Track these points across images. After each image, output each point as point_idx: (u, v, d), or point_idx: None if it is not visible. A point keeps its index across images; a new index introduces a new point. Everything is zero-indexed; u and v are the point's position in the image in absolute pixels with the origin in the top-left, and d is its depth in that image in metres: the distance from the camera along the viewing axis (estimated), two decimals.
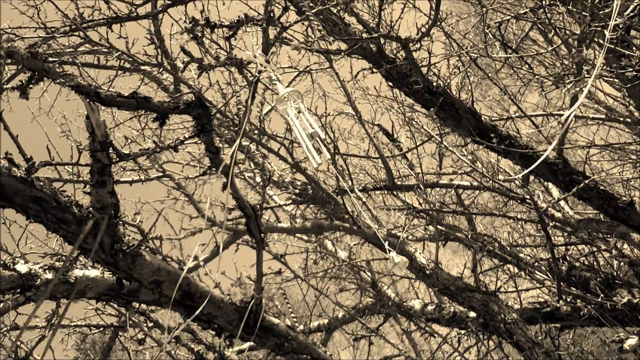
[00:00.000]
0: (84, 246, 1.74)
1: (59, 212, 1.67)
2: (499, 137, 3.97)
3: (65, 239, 1.75)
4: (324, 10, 3.75)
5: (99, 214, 1.69)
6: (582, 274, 4.31)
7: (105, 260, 1.82)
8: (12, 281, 1.97)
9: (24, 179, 1.59)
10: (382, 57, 4.08)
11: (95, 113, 1.47)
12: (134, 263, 1.87)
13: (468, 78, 4.29)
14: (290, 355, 2.56)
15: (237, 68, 1.79)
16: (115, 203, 1.70)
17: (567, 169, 3.76)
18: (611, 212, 3.59)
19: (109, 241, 1.77)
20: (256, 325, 2.36)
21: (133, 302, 2.21)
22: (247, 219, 2.09)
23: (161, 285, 2.02)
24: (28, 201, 1.61)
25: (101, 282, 2.09)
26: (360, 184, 4.89)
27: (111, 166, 1.62)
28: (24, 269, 1.97)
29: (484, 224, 6.62)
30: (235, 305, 2.35)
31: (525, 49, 6.58)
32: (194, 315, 2.12)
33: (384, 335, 3.87)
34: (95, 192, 1.65)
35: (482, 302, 3.71)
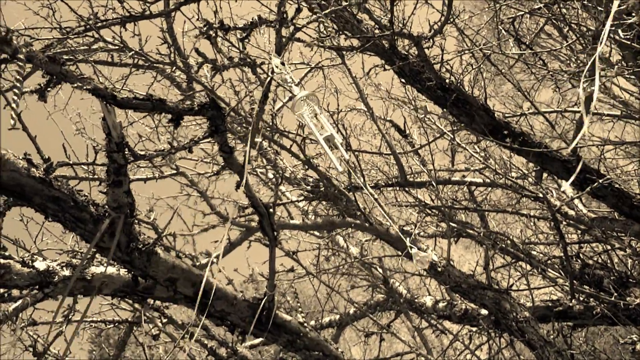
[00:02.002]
0: (101, 244, 1.77)
1: (76, 212, 1.70)
2: (513, 134, 3.96)
3: (82, 237, 1.79)
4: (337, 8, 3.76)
5: (115, 213, 1.72)
6: (596, 272, 4.28)
7: (121, 259, 1.85)
8: (30, 278, 2.02)
9: (43, 179, 1.62)
10: (394, 53, 4.08)
11: (111, 115, 1.49)
12: (150, 261, 1.90)
13: (481, 74, 4.27)
14: (302, 352, 2.58)
15: (251, 68, 1.81)
16: (130, 202, 1.73)
17: (582, 167, 3.74)
18: (626, 210, 3.57)
19: (125, 240, 1.80)
20: (269, 322, 2.39)
21: (148, 299, 2.25)
22: (260, 217, 2.11)
23: (176, 282, 2.05)
24: (47, 201, 1.65)
25: (117, 279, 2.13)
26: (372, 180, 4.90)
27: (127, 166, 1.65)
28: (42, 266, 2.02)
29: (496, 220, 6.59)
30: (248, 302, 2.38)
31: (539, 43, 6.54)
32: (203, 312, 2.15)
33: (395, 332, 3.87)
34: (112, 192, 1.68)
35: (495, 300, 3.71)
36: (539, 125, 6.84)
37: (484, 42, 5.34)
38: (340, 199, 4.01)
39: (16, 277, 1.99)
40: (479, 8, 6.39)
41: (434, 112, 4.86)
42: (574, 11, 4.85)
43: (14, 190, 1.60)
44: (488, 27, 5.20)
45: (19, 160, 1.59)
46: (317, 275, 3.64)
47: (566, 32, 5.23)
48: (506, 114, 4.86)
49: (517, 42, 4.82)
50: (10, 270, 1.98)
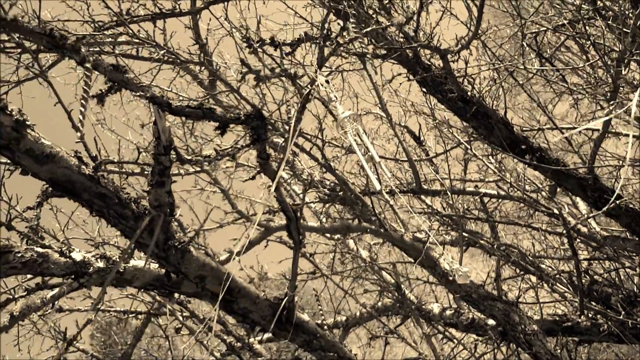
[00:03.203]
0: (139, 240, 1.87)
1: (119, 208, 1.80)
2: (531, 149, 4.03)
3: (122, 232, 1.88)
4: (364, 15, 3.84)
5: (156, 212, 1.81)
6: (604, 289, 4.35)
7: (158, 255, 1.95)
8: (67, 267, 2.12)
9: (92, 176, 1.72)
10: (417, 63, 4.16)
11: (162, 120, 1.59)
12: (183, 258, 2.00)
13: (502, 89, 4.34)
14: (318, 353, 2.68)
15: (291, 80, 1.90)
16: (171, 202, 1.83)
17: (597, 184, 3.81)
18: (638, 230, 3.64)
19: (163, 237, 1.89)
20: (288, 321, 2.49)
21: (175, 293, 2.35)
22: (287, 221, 2.20)
23: (205, 279, 2.15)
24: (94, 197, 1.74)
25: (147, 272, 2.23)
26: (386, 185, 4.98)
27: (171, 168, 1.74)
28: (78, 257, 2.12)
29: (505, 231, 6.65)
30: (269, 301, 2.48)
31: (558, 56, 6.58)
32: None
33: (403, 337, 3.96)
34: (154, 192, 1.78)
35: (504, 312, 3.79)
36: (552, 136, 6.89)
37: (505, 54, 5.41)
38: (357, 204, 4.10)
39: (53, 265, 2.09)
40: (498, 18, 6.45)
41: (451, 122, 4.93)
42: (596, 29, 4.91)
43: (65, 186, 1.70)
44: (511, 40, 5.26)
45: (71, 158, 1.69)
46: (331, 277, 3.73)
47: (587, 48, 5.29)
48: (524, 127, 4.93)
49: (538, 56, 4.89)
50: (48, 259, 2.09)
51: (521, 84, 4.69)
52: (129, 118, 4.32)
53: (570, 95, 5.14)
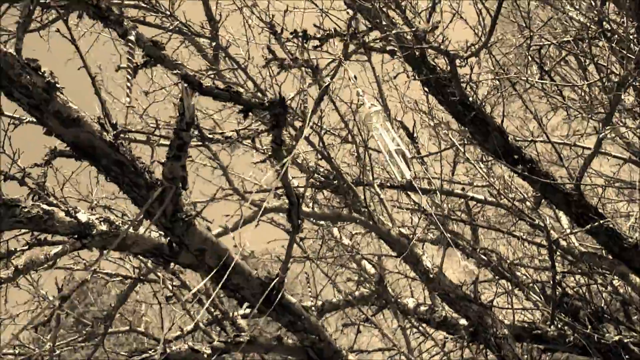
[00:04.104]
0: (149, 209, 1.95)
1: (134, 177, 1.87)
2: (522, 160, 4.17)
3: (134, 200, 1.96)
4: (375, 9, 3.91)
5: (168, 184, 1.89)
6: (574, 302, 4.55)
7: (164, 225, 2.03)
8: (71, 227, 2.19)
9: (112, 143, 1.79)
10: (423, 63, 4.25)
11: (188, 98, 1.66)
12: (188, 231, 2.09)
13: (503, 98, 4.46)
14: (301, 334, 2.80)
15: (312, 70, 1.98)
16: (184, 176, 1.91)
17: (582, 201, 3.97)
18: (616, 250, 3.82)
19: (172, 209, 1.98)
20: (276, 301, 2.59)
21: (171, 263, 2.43)
22: (290, 206, 2.30)
23: (204, 253, 2.24)
24: (112, 164, 1.82)
25: (148, 240, 2.31)
26: (377, 179, 5.09)
27: (189, 144, 1.82)
28: (83, 218, 2.19)
29: (485, 235, 6.84)
30: (260, 280, 2.58)
31: (557, 70, 6.72)
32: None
33: (379, 327, 4.11)
34: (170, 164, 1.85)
35: (478, 314, 3.95)
36: (542, 147, 7.07)
37: (508, 62, 5.53)
38: (348, 194, 4.21)
39: (58, 224, 2.16)
40: (504, 24, 6.55)
41: (447, 123, 5.05)
42: (600, 50, 5.06)
43: (86, 151, 1.76)
44: (515, 51, 5.37)
45: (95, 124, 1.76)
46: (317, 263, 3.85)
47: (586, 65, 5.44)
48: (517, 137, 5.07)
49: (540, 69, 5.02)
50: (53, 217, 2.15)
51: (520, 94, 4.82)
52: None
53: (566, 111, 5.30)
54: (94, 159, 1.79)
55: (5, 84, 1.54)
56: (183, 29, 3.54)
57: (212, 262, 2.31)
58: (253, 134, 1.78)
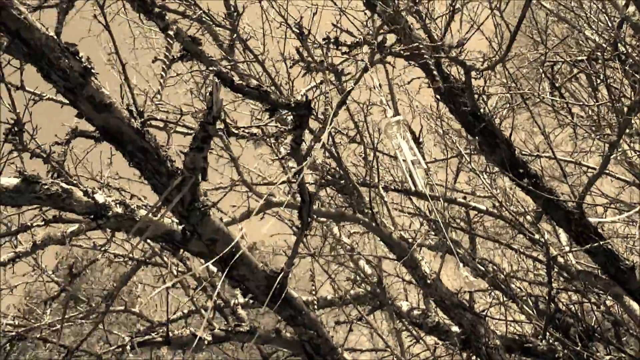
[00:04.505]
0: (168, 197, 2.01)
1: (157, 164, 1.94)
2: (528, 174, 4.24)
3: (153, 187, 2.02)
4: (395, 14, 3.96)
5: (189, 174, 1.96)
6: (566, 319, 4.64)
7: (180, 213, 2.10)
8: (88, 207, 2.25)
9: (139, 130, 1.85)
10: (438, 70, 4.32)
11: (218, 93, 1.72)
12: (202, 220, 2.15)
13: (513, 112, 4.53)
14: (300, 328, 2.87)
15: (335, 75, 2.04)
16: (204, 167, 1.97)
17: (583, 221, 4.05)
18: (612, 271, 3.90)
19: (189, 198, 2.04)
20: (280, 295, 2.66)
21: (181, 249, 2.50)
22: (302, 203, 2.36)
23: (216, 243, 2.31)
24: (136, 150, 1.88)
25: (160, 225, 2.38)
26: (381, 181, 5.16)
27: (213, 138, 1.88)
28: (100, 199, 2.25)
29: (481, 245, 6.92)
30: (265, 273, 2.65)
31: (566, 85, 6.79)
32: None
33: (374, 327, 4.18)
34: (192, 155, 1.92)
35: (472, 322, 4.03)
36: (546, 161, 7.15)
37: (520, 75, 5.60)
38: (353, 194, 4.27)
39: (75, 203, 2.23)
40: (518, 39, 6.62)
41: (459, 131, 5.11)
42: (612, 71, 5.12)
43: (114, 136, 1.83)
44: (527, 63, 5.44)
45: (124, 110, 1.82)
46: (317, 259, 3.92)
47: (597, 85, 5.51)
48: (523, 151, 5.14)
49: (551, 85, 5.09)
50: (71, 195, 2.22)
51: (529, 108, 4.88)
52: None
53: (573, 129, 5.37)
54: (120, 144, 1.85)
55: (44, 66, 1.60)
56: (205, 18, 3.59)
57: (221, 251, 2.38)
58: (277, 132, 1.84)
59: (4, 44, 1.66)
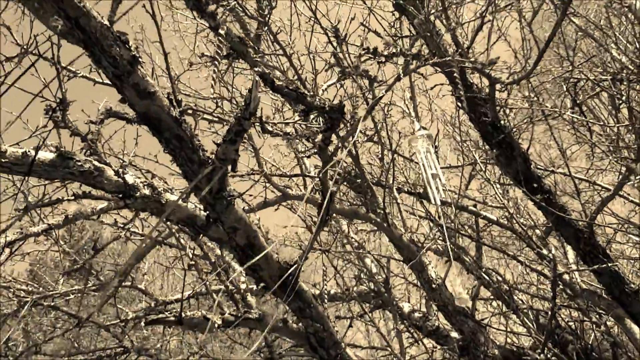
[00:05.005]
0: (197, 184, 2.11)
1: (190, 152, 2.03)
2: (541, 189, 4.31)
3: (184, 174, 2.12)
4: (426, 20, 4.03)
5: (219, 164, 2.05)
6: (565, 335, 4.72)
7: (207, 201, 2.20)
8: (117, 186, 2.36)
9: (177, 119, 1.95)
10: (461, 79, 4.38)
11: (256, 91, 1.81)
12: (227, 209, 2.25)
13: (532, 125, 4.60)
14: (307, 321, 2.97)
15: (369, 80, 2.12)
16: (235, 159, 2.07)
17: (592, 240, 4.12)
18: (616, 293, 3.97)
19: (217, 187, 2.14)
20: (291, 287, 2.76)
21: (201, 235, 2.60)
22: (322, 200, 2.46)
23: (237, 231, 2.41)
24: (173, 137, 1.98)
25: (184, 210, 2.48)
26: (395, 182, 5.24)
27: (246, 132, 1.97)
28: (130, 179, 2.36)
29: (486, 254, 7.00)
30: (279, 264, 2.75)
31: (587, 102, 6.81)
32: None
33: (377, 326, 4.29)
34: (225, 146, 2.01)
35: (472, 330, 4.12)
36: (559, 176, 7.20)
37: (542, 89, 5.64)
38: (367, 193, 4.36)
39: (106, 181, 2.33)
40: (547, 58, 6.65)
41: (477, 142, 5.18)
42: (636, 93, 5.16)
43: (153, 122, 1.92)
44: (552, 78, 5.48)
45: (165, 99, 1.91)
46: (327, 255, 4.02)
47: (619, 105, 5.55)
48: (539, 165, 5.20)
49: (573, 102, 5.14)
50: (102, 174, 2.32)
51: (548, 122, 4.94)
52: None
53: (591, 148, 5.42)
54: (158, 130, 1.95)
55: (97, 53, 1.69)
56: (237, 8, 3.67)
57: (241, 241, 2.48)
58: (310, 133, 1.92)
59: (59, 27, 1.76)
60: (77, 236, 7.55)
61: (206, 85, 8.31)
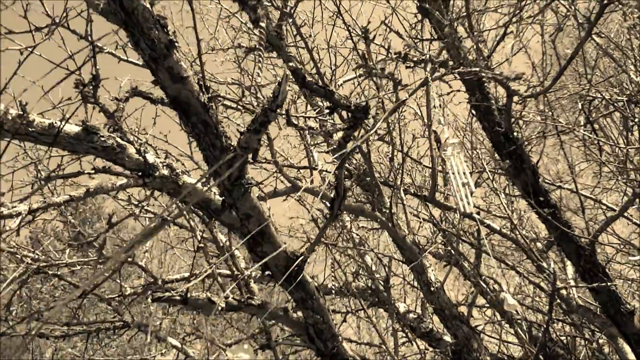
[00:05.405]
0: (217, 170, 2.17)
1: (213, 138, 2.09)
2: (547, 203, 4.37)
3: (206, 158, 2.18)
4: (450, 25, 4.07)
5: (241, 152, 2.11)
6: (556, 349, 4.79)
7: (225, 186, 2.26)
8: (137, 164, 2.42)
9: (205, 104, 2.01)
10: (479, 86, 4.43)
11: (285, 84, 1.87)
12: (243, 196, 2.31)
13: (544, 139, 4.65)
14: (308, 312, 3.04)
15: (394, 84, 2.18)
16: (257, 148, 2.13)
17: (593, 259, 4.18)
18: (611, 312, 4.04)
19: (236, 174, 2.20)
20: (296, 277, 2.83)
21: (213, 219, 2.67)
22: (335, 196, 2.52)
23: (250, 219, 2.47)
24: (199, 122, 2.04)
25: (200, 193, 2.54)
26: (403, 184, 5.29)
27: (270, 123, 2.03)
28: (151, 159, 2.42)
29: (483, 261, 7.06)
30: (286, 254, 2.81)
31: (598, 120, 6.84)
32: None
33: (373, 322, 4.36)
34: (248, 135, 2.07)
35: (467, 335, 4.19)
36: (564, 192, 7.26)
37: (555, 103, 5.69)
38: (374, 191, 4.42)
39: (127, 159, 2.39)
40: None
41: (491, 150, 5.22)
42: None
43: (182, 106, 1.98)
44: (566, 94, 5.53)
45: (195, 84, 1.97)
46: (330, 249, 4.09)
47: (631, 127, 5.59)
48: (546, 179, 5.25)
49: (587, 120, 5.19)
50: (125, 151, 2.39)
51: (561, 138, 4.99)
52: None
53: (599, 167, 5.47)
54: (186, 114, 2.00)
55: (136, 34, 1.75)
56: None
57: (252, 228, 2.54)
58: (333, 130, 1.98)
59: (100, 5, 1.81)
60: (81, 209, 7.65)
61: (222, 70, 8.34)
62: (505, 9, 4.65)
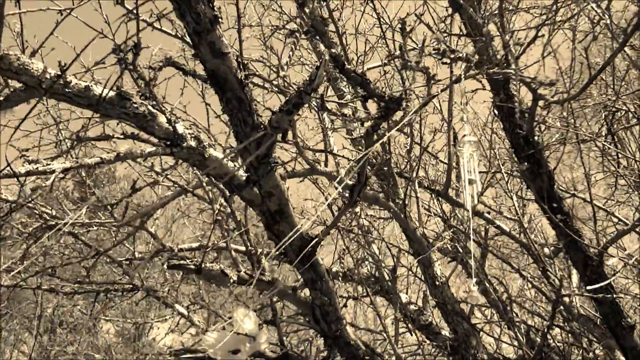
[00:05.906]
0: (246, 146, 2.22)
1: (246, 115, 2.14)
2: (561, 211, 4.40)
3: (236, 135, 2.23)
4: (483, 22, 4.07)
5: (271, 131, 2.16)
6: (552, 355, 4.86)
7: (251, 163, 2.31)
8: (166, 134, 2.47)
9: (241, 81, 2.05)
10: (504, 87, 4.44)
11: (323, 69, 1.91)
12: (268, 174, 2.37)
13: (564, 145, 4.66)
14: (316, 293, 3.11)
15: (428, 79, 2.21)
16: (287, 129, 2.17)
17: (599, 270, 4.22)
18: (612, 324, 4.08)
19: (264, 152, 2.25)
20: (309, 258, 2.89)
21: (234, 194, 2.72)
22: (357, 183, 2.57)
23: (271, 197, 2.53)
24: (233, 98, 2.08)
25: (224, 167, 2.60)
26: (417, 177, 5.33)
27: (303, 106, 2.07)
28: (180, 129, 2.47)
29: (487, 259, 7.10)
30: (302, 235, 2.87)
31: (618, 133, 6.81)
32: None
33: (377, 310, 4.44)
34: (280, 115, 2.12)
35: (466, 332, 4.27)
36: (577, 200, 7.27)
37: (577, 110, 5.68)
38: (389, 181, 4.47)
39: (157, 127, 2.45)
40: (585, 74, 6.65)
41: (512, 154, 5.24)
42: None
43: (219, 81, 2.03)
44: (591, 103, 5.52)
45: (234, 61, 2.01)
46: (343, 235, 4.15)
47: None
48: (561, 186, 5.27)
49: (608, 131, 5.18)
50: (155, 119, 2.44)
51: (581, 149, 5.00)
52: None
53: (615, 178, 5.48)
54: (222, 89, 2.05)
55: (183, 7, 1.79)
56: None
57: (273, 206, 2.60)
58: (365, 119, 2.02)
59: None
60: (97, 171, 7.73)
61: (248, 46, 8.34)
62: (537, 10, 4.64)
